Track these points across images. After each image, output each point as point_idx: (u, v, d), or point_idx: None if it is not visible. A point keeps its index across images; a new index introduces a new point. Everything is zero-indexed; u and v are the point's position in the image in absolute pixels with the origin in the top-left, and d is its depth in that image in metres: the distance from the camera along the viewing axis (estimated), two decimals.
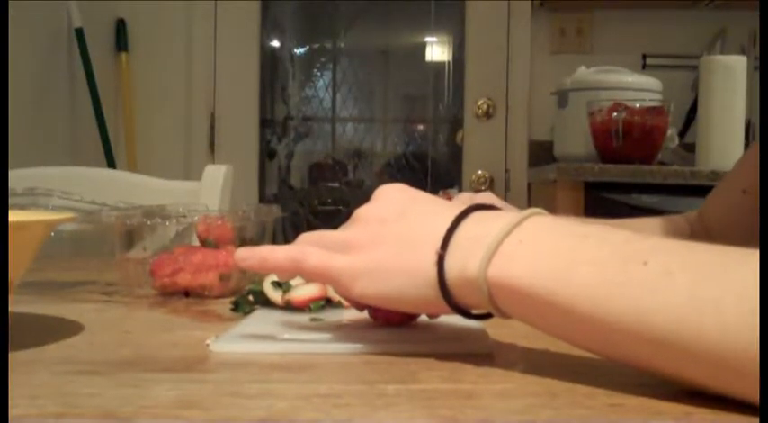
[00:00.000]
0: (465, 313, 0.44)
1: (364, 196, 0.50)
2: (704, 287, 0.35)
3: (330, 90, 2.93)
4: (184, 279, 0.69)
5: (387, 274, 0.44)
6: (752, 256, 0.36)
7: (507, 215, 0.43)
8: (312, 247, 0.47)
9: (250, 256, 0.48)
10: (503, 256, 0.41)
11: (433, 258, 0.43)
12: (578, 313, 0.38)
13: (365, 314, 0.53)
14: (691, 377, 0.36)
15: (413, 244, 0.44)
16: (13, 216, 0.50)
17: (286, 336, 0.51)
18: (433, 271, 0.43)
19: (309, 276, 0.49)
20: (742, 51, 2.35)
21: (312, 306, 0.59)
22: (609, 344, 0.38)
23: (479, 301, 0.42)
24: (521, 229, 0.42)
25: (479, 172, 2.69)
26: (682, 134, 2.37)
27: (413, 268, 0.44)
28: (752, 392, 0.33)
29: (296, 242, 0.50)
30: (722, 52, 2.35)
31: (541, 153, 2.56)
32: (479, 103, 2.70)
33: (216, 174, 1.24)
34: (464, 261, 0.42)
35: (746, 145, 2.08)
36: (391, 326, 0.51)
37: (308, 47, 3.00)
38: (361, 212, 0.48)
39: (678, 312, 0.35)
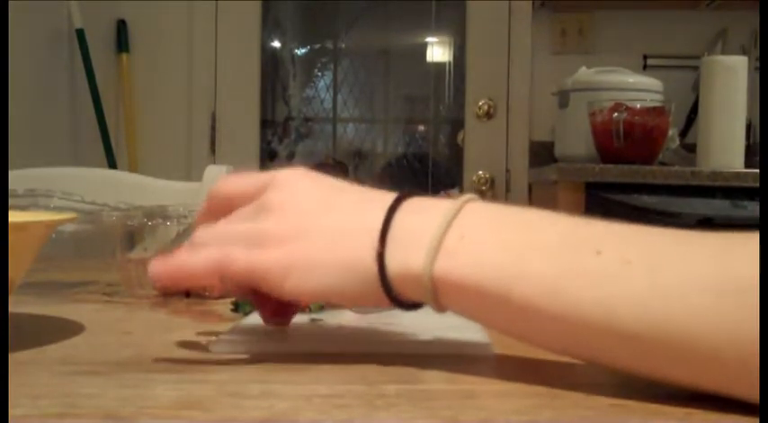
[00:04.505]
0: (403, 305, 0.43)
1: None
2: (664, 274, 0.35)
3: (331, 90, 2.93)
4: None
5: (322, 269, 0.42)
6: (709, 240, 0.36)
7: (441, 205, 0.42)
8: (233, 247, 0.44)
9: (162, 270, 0.45)
10: (447, 252, 0.40)
11: (372, 253, 0.41)
12: (534, 308, 0.37)
13: (364, 316, 0.53)
14: (656, 368, 0.36)
15: (346, 237, 0.42)
16: (14, 217, 0.50)
17: (286, 336, 0.51)
18: (372, 266, 0.41)
19: (235, 278, 0.44)
20: (743, 52, 2.35)
21: (312, 307, 0.59)
22: (569, 339, 0.38)
23: (421, 296, 0.41)
24: (460, 220, 0.40)
25: (480, 172, 2.69)
26: (683, 134, 2.37)
27: (350, 262, 0.42)
28: (729, 380, 0.34)
29: (195, 239, 0.46)
30: (723, 53, 2.35)
31: (542, 153, 2.56)
32: (480, 104, 2.70)
33: (217, 174, 1.24)
34: (405, 257, 0.41)
35: (747, 145, 2.08)
36: (280, 324, 0.50)
37: (308, 47, 3.00)
38: (273, 202, 0.44)
39: (641, 301, 0.35)
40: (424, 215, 0.42)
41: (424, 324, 0.52)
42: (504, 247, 0.39)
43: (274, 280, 0.43)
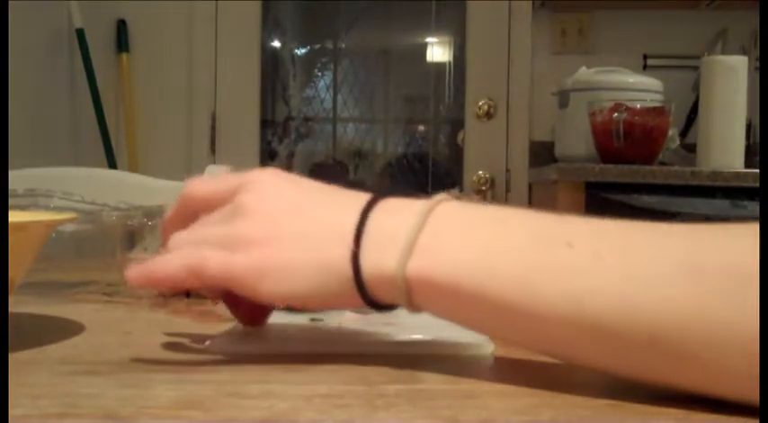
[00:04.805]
0: (378, 307, 0.43)
1: None
2: (637, 266, 0.35)
3: (331, 90, 2.93)
4: None
5: (297, 271, 0.42)
6: (681, 231, 0.36)
7: (415, 205, 0.41)
8: (208, 251, 0.43)
9: (138, 275, 0.44)
10: (421, 251, 0.39)
11: (346, 254, 0.41)
12: (506, 304, 0.37)
13: (364, 316, 0.53)
14: (629, 364, 0.36)
15: (320, 239, 0.42)
16: (14, 217, 0.50)
17: (286, 336, 0.51)
18: (347, 268, 0.41)
19: (211, 282, 0.44)
20: (743, 52, 2.35)
21: None
22: (543, 336, 0.38)
23: (395, 297, 0.41)
24: (434, 219, 0.40)
25: (480, 172, 2.69)
26: (683, 134, 2.37)
27: (325, 265, 0.42)
28: (703, 377, 0.34)
29: (172, 244, 0.46)
30: (723, 52, 2.35)
31: (542, 153, 2.56)
32: (480, 104, 2.70)
33: (217, 174, 1.24)
34: (379, 257, 0.40)
35: (747, 145, 2.08)
36: (255, 325, 0.50)
37: (308, 47, 3.00)
38: (245, 204, 0.44)
39: (613, 293, 0.35)
40: (398, 216, 0.41)
41: (423, 324, 0.52)
42: (477, 246, 0.39)
43: (249, 283, 0.42)
